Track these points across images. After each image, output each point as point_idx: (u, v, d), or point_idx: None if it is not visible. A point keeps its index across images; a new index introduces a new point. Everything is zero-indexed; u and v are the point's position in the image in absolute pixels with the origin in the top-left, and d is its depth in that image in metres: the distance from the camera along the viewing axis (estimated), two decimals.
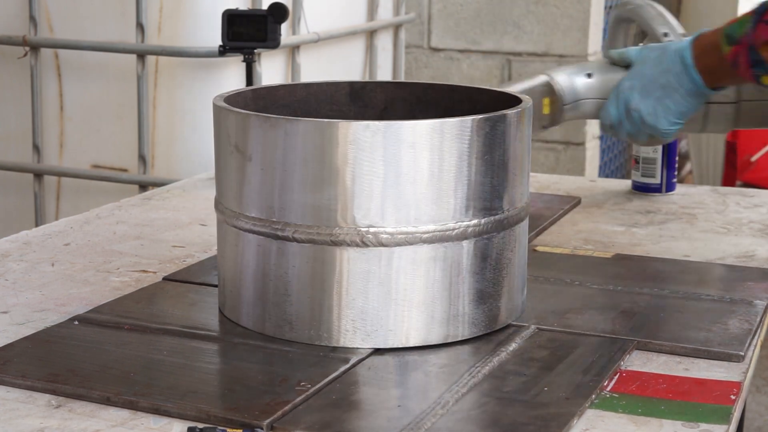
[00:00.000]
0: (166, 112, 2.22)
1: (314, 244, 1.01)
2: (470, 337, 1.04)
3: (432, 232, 1.01)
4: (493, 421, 0.88)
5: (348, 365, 0.98)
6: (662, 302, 1.17)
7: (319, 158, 0.99)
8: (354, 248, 1.00)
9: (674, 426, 0.89)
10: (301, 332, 1.03)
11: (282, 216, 1.02)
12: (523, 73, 3.26)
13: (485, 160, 1.02)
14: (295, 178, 1.00)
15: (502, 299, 1.06)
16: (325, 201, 1.00)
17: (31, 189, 2.36)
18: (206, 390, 0.93)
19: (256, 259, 1.05)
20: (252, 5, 2.24)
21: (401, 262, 1.01)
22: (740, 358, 1.02)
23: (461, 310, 1.03)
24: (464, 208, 1.02)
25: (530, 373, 0.97)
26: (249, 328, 1.06)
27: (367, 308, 1.01)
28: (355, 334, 1.01)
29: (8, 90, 2.37)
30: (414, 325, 1.02)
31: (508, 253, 1.06)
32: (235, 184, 1.06)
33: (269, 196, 1.02)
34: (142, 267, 1.30)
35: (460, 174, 1.01)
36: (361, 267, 1.00)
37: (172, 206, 1.61)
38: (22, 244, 1.38)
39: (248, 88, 1.20)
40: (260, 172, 1.02)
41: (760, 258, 1.37)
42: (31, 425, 0.87)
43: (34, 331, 1.07)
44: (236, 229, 1.06)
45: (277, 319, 1.04)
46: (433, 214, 1.01)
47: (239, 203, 1.05)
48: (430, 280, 1.02)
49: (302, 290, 1.02)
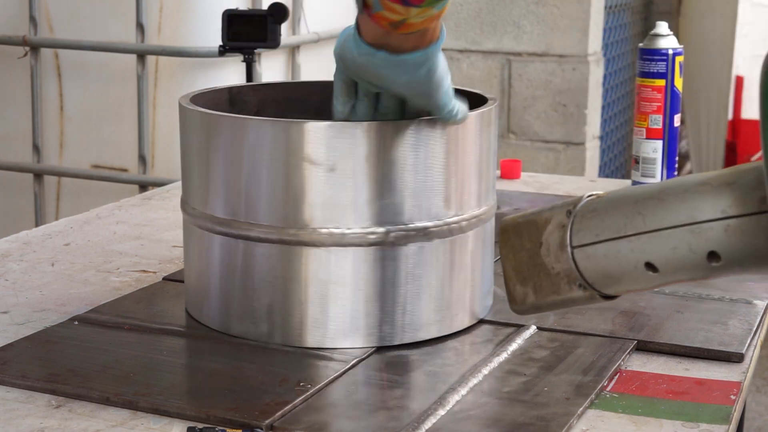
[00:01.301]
0: (166, 112, 2.22)
1: (282, 245, 1.01)
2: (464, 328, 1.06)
3: (427, 229, 1.01)
4: (493, 421, 0.88)
5: (348, 366, 0.98)
6: (662, 302, 1.17)
7: (283, 158, 0.99)
8: (313, 248, 1.00)
9: (674, 426, 0.89)
10: (287, 335, 1.02)
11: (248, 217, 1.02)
12: (523, 73, 3.26)
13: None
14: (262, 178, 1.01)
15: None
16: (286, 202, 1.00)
17: (31, 189, 2.36)
18: (206, 390, 0.93)
19: (220, 259, 1.05)
20: (252, 5, 2.24)
21: (397, 261, 1.01)
22: (740, 358, 1.02)
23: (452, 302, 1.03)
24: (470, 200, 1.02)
25: (530, 373, 0.97)
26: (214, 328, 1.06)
27: (359, 308, 1.01)
28: (347, 336, 1.01)
29: (8, 90, 2.37)
30: (409, 320, 1.02)
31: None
32: (199, 184, 1.06)
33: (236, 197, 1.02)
34: (142, 267, 1.30)
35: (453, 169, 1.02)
36: (358, 267, 1.01)
37: (172, 206, 1.61)
38: (22, 244, 1.38)
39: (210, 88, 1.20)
40: (224, 172, 1.03)
41: None
42: (31, 425, 0.87)
43: (34, 331, 1.07)
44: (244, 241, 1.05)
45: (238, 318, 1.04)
46: (432, 208, 1.01)
47: (204, 203, 1.06)
48: (424, 277, 1.02)
49: (275, 291, 1.02)
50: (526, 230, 0.79)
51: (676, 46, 1.63)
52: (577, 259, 0.76)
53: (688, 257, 0.71)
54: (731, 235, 0.69)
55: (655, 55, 1.62)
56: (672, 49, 1.62)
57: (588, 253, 0.75)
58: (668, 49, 1.62)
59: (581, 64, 3.21)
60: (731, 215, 0.69)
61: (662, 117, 1.64)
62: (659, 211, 0.72)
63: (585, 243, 0.75)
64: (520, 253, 0.80)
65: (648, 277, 0.73)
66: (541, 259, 0.78)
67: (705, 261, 0.70)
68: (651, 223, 0.72)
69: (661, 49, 1.62)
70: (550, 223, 0.77)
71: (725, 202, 0.69)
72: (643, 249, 0.73)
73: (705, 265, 0.71)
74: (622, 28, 4.02)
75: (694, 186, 0.71)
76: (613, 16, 3.79)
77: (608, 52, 3.72)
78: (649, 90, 1.63)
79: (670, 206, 0.71)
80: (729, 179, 0.70)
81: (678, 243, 0.71)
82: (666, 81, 1.62)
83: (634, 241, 0.73)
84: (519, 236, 0.80)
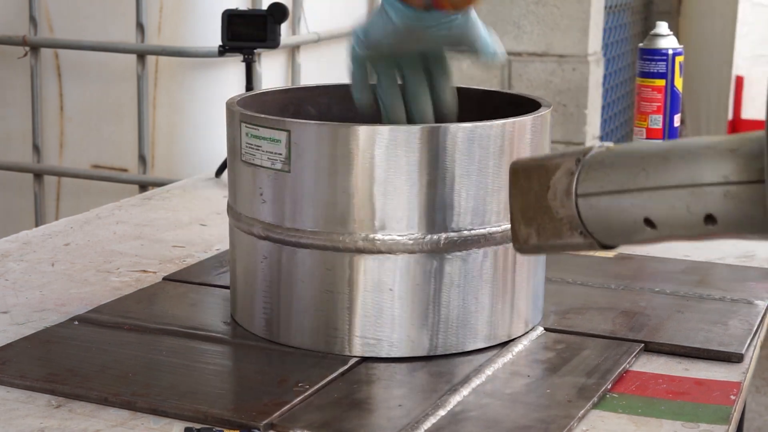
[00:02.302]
0: (166, 112, 2.22)
1: (323, 250, 0.99)
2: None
3: (484, 235, 1.00)
4: (493, 422, 0.88)
5: (347, 366, 0.98)
6: (662, 302, 1.17)
7: (331, 166, 0.97)
8: (363, 255, 0.98)
9: (674, 426, 0.89)
10: (311, 339, 1.01)
11: (293, 222, 1.00)
12: (523, 73, 3.26)
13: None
14: (306, 183, 0.99)
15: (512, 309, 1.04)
16: (335, 207, 0.98)
17: (31, 189, 2.36)
18: (205, 390, 0.93)
19: (265, 265, 1.03)
20: (252, 5, 2.24)
21: (415, 269, 0.98)
22: (740, 358, 1.02)
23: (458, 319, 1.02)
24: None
25: (534, 375, 0.97)
26: (260, 336, 1.05)
27: (378, 316, 0.99)
28: (365, 344, 1.00)
29: (8, 90, 2.37)
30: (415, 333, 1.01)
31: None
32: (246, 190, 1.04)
33: (280, 202, 1.01)
34: (142, 267, 1.30)
35: (479, 180, 0.99)
36: (371, 274, 0.99)
37: (172, 206, 1.61)
38: (22, 244, 1.38)
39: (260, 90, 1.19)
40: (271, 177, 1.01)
41: (760, 258, 1.37)
42: (31, 425, 0.87)
43: (34, 331, 1.07)
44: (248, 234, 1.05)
45: (286, 325, 1.03)
46: (486, 214, 1.00)
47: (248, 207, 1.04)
48: (436, 289, 1.00)
49: (310, 296, 1.00)
50: (536, 173, 0.80)
51: (676, 46, 1.63)
52: (580, 208, 0.77)
53: (686, 217, 0.72)
54: (729, 200, 0.70)
55: (655, 55, 1.62)
56: (672, 49, 1.62)
57: (591, 204, 0.76)
58: (668, 49, 1.62)
59: (581, 64, 3.21)
60: (731, 181, 0.70)
61: (662, 117, 1.64)
62: (663, 169, 0.72)
63: (589, 193, 0.76)
64: (528, 195, 0.81)
65: (646, 232, 0.74)
66: (547, 203, 0.79)
67: (702, 223, 0.71)
68: (653, 181, 0.73)
69: (661, 49, 1.62)
70: (559, 168, 0.78)
71: (727, 168, 0.70)
72: (643, 205, 0.74)
73: (701, 227, 0.72)
74: (622, 28, 4.02)
75: (699, 149, 0.72)
76: (613, 16, 3.79)
77: (608, 52, 3.72)
78: (649, 90, 1.63)
79: (674, 166, 0.72)
80: (733, 145, 0.71)
81: (677, 203, 0.72)
82: (666, 81, 1.62)
83: (635, 196, 0.74)
84: (528, 179, 0.81)
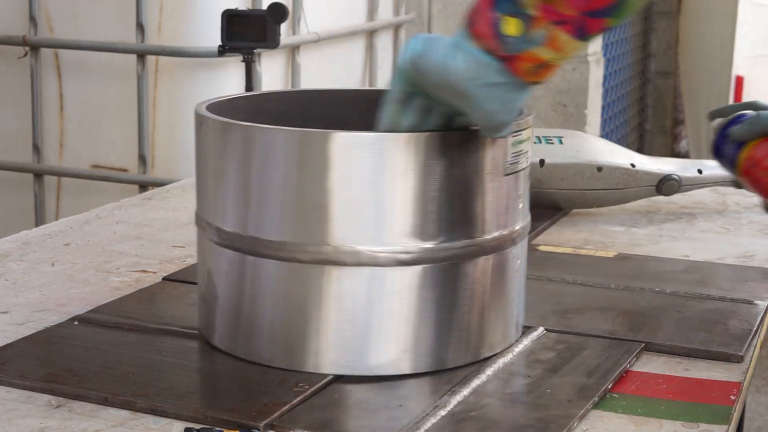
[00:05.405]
0: (166, 112, 2.22)
1: (292, 263, 0.94)
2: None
3: (416, 252, 0.94)
4: (492, 422, 0.88)
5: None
6: (662, 302, 1.17)
7: (300, 173, 0.93)
8: (337, 267, 0.94)
9: (674, 426, 0.88)
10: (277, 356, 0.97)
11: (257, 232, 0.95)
12: None
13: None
14: (273, 191, 0.94)
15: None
16: (306, 217, 0.93)
17: (31, 189, 2.37)
18: (204, 391, 0.93)
19: (228, 276, 0.99)
20: (252, 5, 2.24)
21: (391, 283, 0.95)
22: (740, 359, 1.02)
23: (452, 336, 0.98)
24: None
25: (534, 375, 0.97)
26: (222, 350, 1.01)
27: (348, 332, 0.95)
28: (336, 362, 0.95)
29: (8, 90, 2.37)
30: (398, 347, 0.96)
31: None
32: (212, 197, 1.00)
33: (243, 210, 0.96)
34: (142, 267, 1.30)
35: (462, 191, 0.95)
36: (347, 287, 0.94)
37: (172, 206, 1.61)
38: (22, 244, 1.38)
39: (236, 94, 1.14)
40: (236, 184, 0.96)
41: (760, 258, 1.37)
42: (31, 425, 0.87)
43: (34, 331, 1.07)
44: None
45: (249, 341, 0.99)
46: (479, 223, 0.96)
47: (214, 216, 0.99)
48: (422, 303, 0.96)
49: (278, 311, 0.96)
50: None
51: None
52: None
53: None
54: None
55: None
56: None
57: None
58: None
59: (581, 64, 3.21)
60: None
61: None
62: None
63: None
64: None
65: None
66: None
67: None
68: None
69: None
70: None
71: None
72: None
73: None
74: (622, 28, 4.02)
75: None
76: None
77: (608, 52, 3.72)
78: None
79: None
80: None
81: None
82: None
83: None
84: None
